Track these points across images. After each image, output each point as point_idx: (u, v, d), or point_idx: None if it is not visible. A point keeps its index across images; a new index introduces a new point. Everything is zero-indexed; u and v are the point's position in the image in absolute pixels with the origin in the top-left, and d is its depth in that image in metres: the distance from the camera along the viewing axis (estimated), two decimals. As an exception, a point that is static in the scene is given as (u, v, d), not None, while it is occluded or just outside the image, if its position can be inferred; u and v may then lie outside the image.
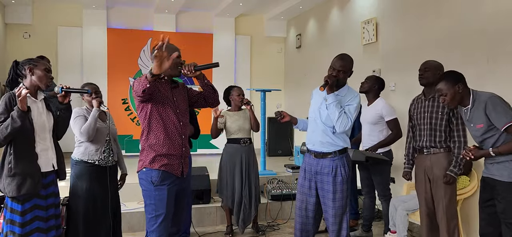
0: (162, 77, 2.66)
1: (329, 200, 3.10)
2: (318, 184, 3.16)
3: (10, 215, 2.65)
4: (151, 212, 2.62)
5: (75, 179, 3.23)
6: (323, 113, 3.11)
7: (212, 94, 2.86)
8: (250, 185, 4.33)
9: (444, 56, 4.38)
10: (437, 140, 3.19)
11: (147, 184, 2.64)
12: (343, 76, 3.07)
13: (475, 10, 4.19)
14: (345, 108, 3.03)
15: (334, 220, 3.11)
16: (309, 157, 3.20)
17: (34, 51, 6.16)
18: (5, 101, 2.61)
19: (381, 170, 4.12)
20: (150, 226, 2.64)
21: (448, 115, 3.15)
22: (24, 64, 2.75)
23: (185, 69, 2.66)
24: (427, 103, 3.28)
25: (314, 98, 3.27)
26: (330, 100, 3.00)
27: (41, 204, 2.73)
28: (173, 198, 2.68)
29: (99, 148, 3.26)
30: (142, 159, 2.68)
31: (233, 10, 8.15)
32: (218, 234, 4.63)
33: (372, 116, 4.13)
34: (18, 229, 2.63)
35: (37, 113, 2.72)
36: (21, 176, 2.61)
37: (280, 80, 9.10)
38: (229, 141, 4.39)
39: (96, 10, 7.98)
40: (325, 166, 3.10)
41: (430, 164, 3.22)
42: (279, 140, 8.03)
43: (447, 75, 2.89)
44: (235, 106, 4.40)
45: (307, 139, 3.25)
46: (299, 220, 3.23)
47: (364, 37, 6.01)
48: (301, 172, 3.27)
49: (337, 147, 3.10)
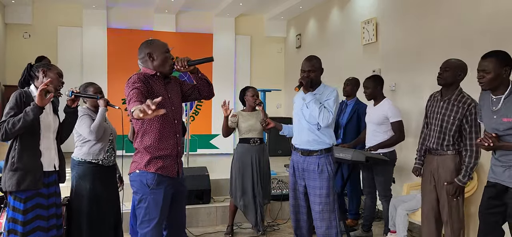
0: (154, 74, 2.62)
1: (316, 196, 3.22)
2: (306, 181, 3.31)
3: (12, 213, 2.68)
4: (145, 215, 2.54)
5: (78, 179, 3.23)
6: (306, 113, 3.27)
7: (207, 87, 2.82)
8: (262, 185, 4.34)
9: (444, 56, 4.37)
10: (444, 143, 3.13)
11: (141, 186, 2.55)
12: (314, 75, 3.25)
13: (475, 10, 4.19)
14: (324, 103, 3.18)
15: (321, 216, 3.21)
16: (296, 154, 3.38)
17: (34, 51, 6.18)
18: (16, 97, 2.67)
19: (383, 170, 4.12)
20: (142, 229, 2.56)
21: (461, 121, 3.04)
22: (38, 67, 2.82)
23: (178, 64, 2.63)
24: (441, 104, 3.17)
25: (296, 103, 3.44)
26: (308, 99, 3.18)
27: (43, 203, 2.76)
28: (168, 202, 2.61)
29: (103, 148, 3.28)
30: (136, 161, 2.60)
31: (233, 10, 8.15)
32: (218, 234, 4.63)
33: (378, 116, 4.13)
34: (20, 227, 2.66)
35: (45, 113, 2.76)
36: (22, 171, 2.64)
37: (280, 80, 9.10)
38: (240, 141, 4.41)
39: (96, 10, 7.98)
40: (311, 163, 3.25)
41: (437, 166, 3.18)
42: (279, 140, 7.98)
43: (498, 54, 2.65)
44: (249, 106, 4.42)
45: (294, 139, 3.43)
46: (294, 217, 3.41)
47: (364, 37, 6.01)
48: (290, 170, 3.44)
49: (323, 145, 3.25)
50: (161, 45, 2.66)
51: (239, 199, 4.32)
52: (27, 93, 2.73)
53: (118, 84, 8.03)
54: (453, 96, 3.11)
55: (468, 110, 3.02)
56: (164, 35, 8.29)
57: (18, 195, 2.67)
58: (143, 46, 2.67)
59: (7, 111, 2.63)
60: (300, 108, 3.33)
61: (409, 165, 4.91)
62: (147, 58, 2.64)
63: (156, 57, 2.62)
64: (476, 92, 2.96)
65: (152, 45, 2.65)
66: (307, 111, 3.25)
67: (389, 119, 4.09)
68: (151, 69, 2.64)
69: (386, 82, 5.39)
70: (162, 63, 2.62)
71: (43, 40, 7.77)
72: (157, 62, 2.62)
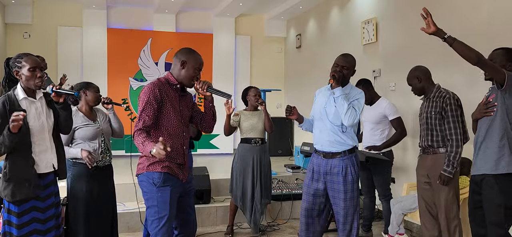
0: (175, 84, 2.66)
1: (340, 200, 3.09)
2: (328, 184, 3.15)
3: (7, 216, 2.61)
4: (154, 214, 2.57)
5: (73, 180, 3.20)
6: (330, 111, 3.12)
7: (210, 120, 2.86)
8: (261, 186, 4.33)
9: (444, 56, 4.38)
10: (433, 139, 3.19)
11: (149, 185, 2.59)
12: (346, 73, 3.12)
13: (475, 10, 4.19)
14: (352, 102, 3.06)
15: (345, 220, 3.11)
16: (318, 157, 3.20)
17: (34, 51, 6.10)
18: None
19: (382, 170, 4.13)
20: (152, 229, 2.59)
21: (441, 114, 3.14)
22: (12, 67, 2.63)
23: (198, 84, 2.67)
24: (425, 104, 3.31)
25: (317, 99, 3.28)
26: (338, 93, 3.04)
27: (39, 206, 2.68)
28: (176, 199, 2.65)
29: (96, 150, 3.24)
30: (142, 163, 2.63)
31: (233, 10, 8.15)
32: (218, 234, 4.63)
33: (375, 115, 4.15)
34: (15, 231, 2.59)
35: (36, 114, 2.64)
36: (15, 181, 2.54)
37: (280, 80, 9.10)
38: (242, 141, 4.41)
39: (96, 10, 7.97)
40: (335, 166, 3.10)
41: (431, 164, 3.22)
42: (279, 140, 8.02)
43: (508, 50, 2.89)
44: (251, 106, 4.42)
45: (315, 139, 3.25)
46: (305, 220, 3.22)
47: (364, 37, 6.01)
48: (309, 172, 3.25)
49: (346, 146, 3.11)
50: (198, 61, 2.68)
51: (239, 198, 4.33)
52: (11, 99, 2.53)
53: (118, 84, 8.04)
54: (431, 93, 3.24)
55: (444, 102, 3.12)
56: (164, 35, 8.30)
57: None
58: (182, 51, 2.70)
59: None
60: (324, 106, 3.17)
61: (409, 165, 4.92)
62: (179, 64, 2.66)
63: (187, 69, 2.65)
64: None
65: (191, 56, 2.67)
66: (331, 110, 3.11)
67: (388, 117, 4.11)
68: (175, 77, 2.68)
69: (385, 82, 5.41)
70: (188, 77, 2.66)
71: (43, 40, 7.77)
72: (186, 73, 2.66)
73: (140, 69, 8.27)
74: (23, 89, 2.59)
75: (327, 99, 3.15)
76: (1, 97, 2.56)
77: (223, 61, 8.66)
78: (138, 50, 8.25)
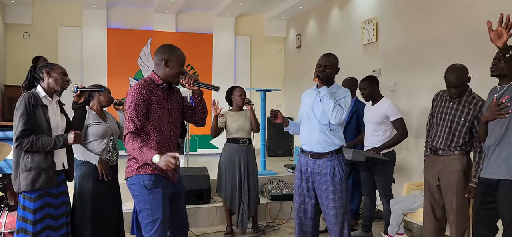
0: (160, 84, 2.61)
1: (329, 200, 3.08)
2: (315, 184, 3.14)
3: (22, 213, 2.73)
4: (147, 217, 2.53)
5: (81, 179, 3.27)
6: (317, 110, 3.12)
7: (201, 114, 2.81)
8: (249, 185, 4.33)
9: (444, 56, 4.38)
10: (452, 144, 3.11)
11: (139, 188, 2.54)
12: (330, 72, 3.12)
13: (475, 10, 4.19)
14: (338, 101, 3.05)
15: (335, 220, 3.09)
16: (305, 157, 3.19)
17: (34, 51, 6.16)
18: (25, 101, 2.70)
19: (383, 170, 4.12)
20: (147, 232, 2.55)
21: (472, 123, 3.03)
22: (41, 68, 2.85)
23: (184, 79, 2.61)
24: (450, 105, 3.16)
25: (305, 100, 3.30)
26: (323, 92, 3.02)
27: (52, 202, 2.80)
28: (168, 201, 2.61)
29: (105, 148, 3.33)
30: (130, 166, 2.58)
31: (233, 10, 8.15)
32: (218, 234, 4.63)
33: (377, 116, 4.12)
34: (30, 227, 2.71)
35: (52, 113, 2.83)
36: (37, 170, 2.69)
37: (280, 80, 9.10)
38: (228, 141, 4.40)
39: (96, 10, 7.98)
40: (323, 166, 3.09)
41: (443, 167, 3.15)
42: (279, 140, 8.02)
43: None
44: (237, 106, 4.40)
45: (302, 139, 3.24)
46: (298, 221, 3.22)
47: (364, 37, 6.01)
48: (297, 173, 3.25)
49: (334, 146, 3.10)
50: (181, 57, 2.63)
51: (228, 198, 4.34)
52: (35, 95, 2.76)
53: (118, 84, 8.03)
54: (463, 97, 3.08)
55: (479, 111, 2.99)
56: (164, 35, 8.29)
57: (27, 194, 2.71)
58: (163, 50, 2.63)
59: (19, 119, 2.66)
60: (311, 106, 3.17)
61: (410, 165, 4.92)
62: (162, 63, 2.60)
63: (171, 67, 2.59)
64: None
65: (172, 53, 2.61)
66: (318, 109, 3.11)
67: (390, 118, 4.09)
68: (159, 76, 2.62)
69: (386, 82, 5.41)
70: (173, 75, 2.60)
71: (43, 40, 7.77)
72: (170, 71, 2.60)
73: (140, 69, 8.27)
74: (43, 89, 2.82)
75: (314, 99, 3.16)
76: (25, 94, 2.77)
77: (223, 61, 8.65)
78: (138, 50, 8.26)
